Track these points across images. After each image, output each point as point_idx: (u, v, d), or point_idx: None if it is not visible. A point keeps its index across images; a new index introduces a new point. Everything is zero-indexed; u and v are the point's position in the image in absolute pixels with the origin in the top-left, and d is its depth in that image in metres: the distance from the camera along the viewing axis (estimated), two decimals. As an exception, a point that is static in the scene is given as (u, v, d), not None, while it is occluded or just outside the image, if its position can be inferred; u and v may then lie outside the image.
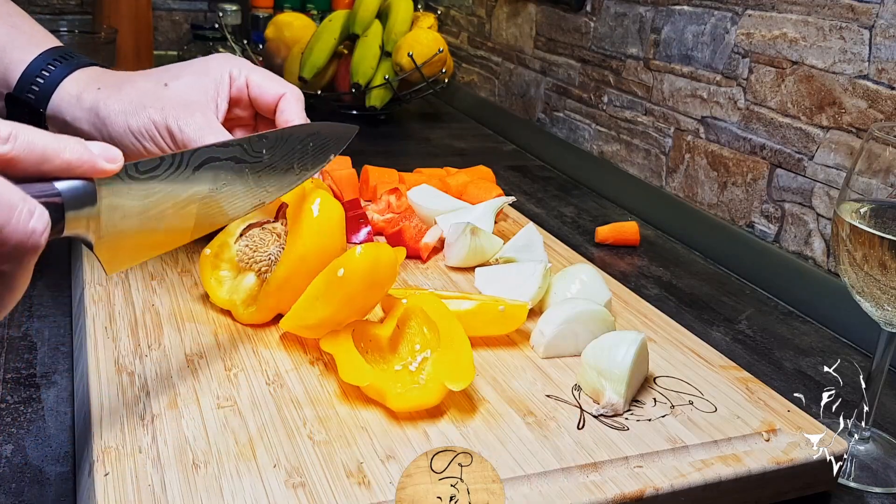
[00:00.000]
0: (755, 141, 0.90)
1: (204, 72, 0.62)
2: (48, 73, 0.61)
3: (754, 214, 0.91)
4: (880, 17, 0.75)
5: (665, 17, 1.03)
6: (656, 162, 1.06)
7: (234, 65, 0.64)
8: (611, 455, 0.48)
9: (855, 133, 0.78)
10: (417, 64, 1.30)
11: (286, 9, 1.61)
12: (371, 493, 0.43)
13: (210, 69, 0.63)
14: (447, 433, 0.49)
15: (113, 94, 0.60)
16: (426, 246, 0.74)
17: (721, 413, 0.54)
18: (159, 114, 0.59)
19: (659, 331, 0.65)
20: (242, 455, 0.45)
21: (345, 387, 0.52)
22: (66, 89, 0.60)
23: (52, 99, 0.60)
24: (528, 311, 0.60)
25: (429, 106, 1.58)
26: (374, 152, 1.22)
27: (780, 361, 0.72)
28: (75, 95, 0.60)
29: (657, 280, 0.86)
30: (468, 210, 0.78)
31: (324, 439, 0.47)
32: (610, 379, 0.52)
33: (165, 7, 1.68)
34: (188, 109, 0.59)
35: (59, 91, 0.60)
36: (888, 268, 0.51)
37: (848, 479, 0.56)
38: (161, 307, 0.60)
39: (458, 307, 0.59)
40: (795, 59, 0.84)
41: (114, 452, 0.44)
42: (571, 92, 1.24)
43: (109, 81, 0.61)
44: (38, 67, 0.61)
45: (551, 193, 1.12)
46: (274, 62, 1.43)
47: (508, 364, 0.58)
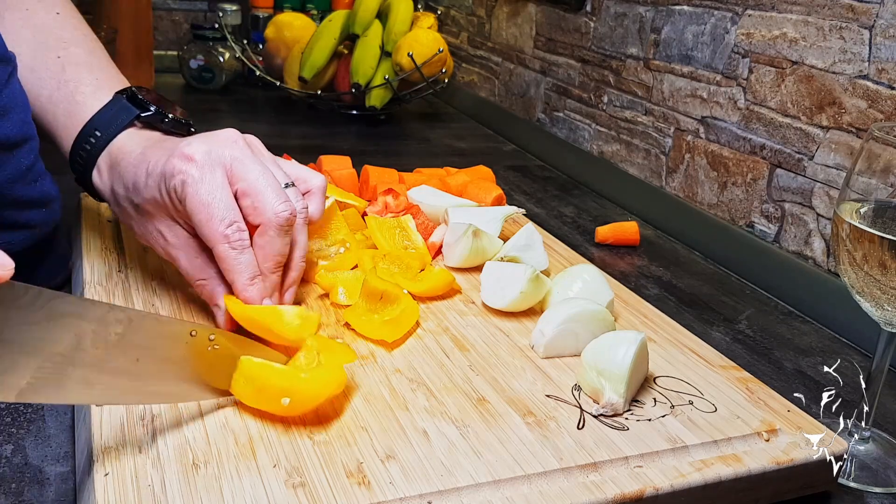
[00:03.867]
0: (755, 141, 0.90)
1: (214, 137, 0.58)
2: (89, 147, 0.61)
3: (754, 214, 0.91)
4: (880, 17, 0.75)
5: (665, 17, 1.03)
6: (656, 162, 1.06)
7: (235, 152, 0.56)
8: (611, 455, 0.48)
9: (855, 133, 0.78)
10: (417, 64, 1.30)
11: (286, 9, 1.61)
12: (371, 493, 0.43)
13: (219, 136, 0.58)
14: (447, 433, 0.49)
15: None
16: (433, 245, 0.74)
17: (721, 413, 0.54)
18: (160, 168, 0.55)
19: (659, 331, 0.65)
20: (242, 455, 0.45)
21: (345, 387, 0.52)
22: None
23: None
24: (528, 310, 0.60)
25: (429, 106, 1.58)
26: (374, 152, 1.22)
27: (780, 361, 0.72)
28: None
29: (657, 280, 0.86)
30: (477, 212, 0.77)
31: (324, 439, 0.47)
32: (610, 379, 0.52)
33: (165, 7, 1.68)
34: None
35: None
36: (888, 268, 0.51)
37: (848, 479, 0.56)
38: (161, 307, 0.60)
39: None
40: (795, 59, 0.84)
41: (114, 452, 0.44)
42: (571, 92, 1.24)
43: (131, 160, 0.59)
44: (82, 141, 0.61)
45: (551, 193, 1.12)
46: (274, 62, 1.43)
47: (508, 364, 0.58)
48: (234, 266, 0.54)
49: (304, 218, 0.58)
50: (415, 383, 0.54)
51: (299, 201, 0.57)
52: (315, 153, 0.95)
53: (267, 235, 0.55)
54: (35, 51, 0.64)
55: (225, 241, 0.53)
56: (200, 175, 0.53)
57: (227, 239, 0.53)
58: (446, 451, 0.47)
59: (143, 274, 0.65)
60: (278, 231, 0.55)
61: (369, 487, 0.43)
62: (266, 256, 0.55)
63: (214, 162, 0.54)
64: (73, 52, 0.65)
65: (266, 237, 0.55)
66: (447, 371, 0.56)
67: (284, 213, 0.55)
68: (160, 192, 0.55)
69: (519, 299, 0.63)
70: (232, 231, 0.53)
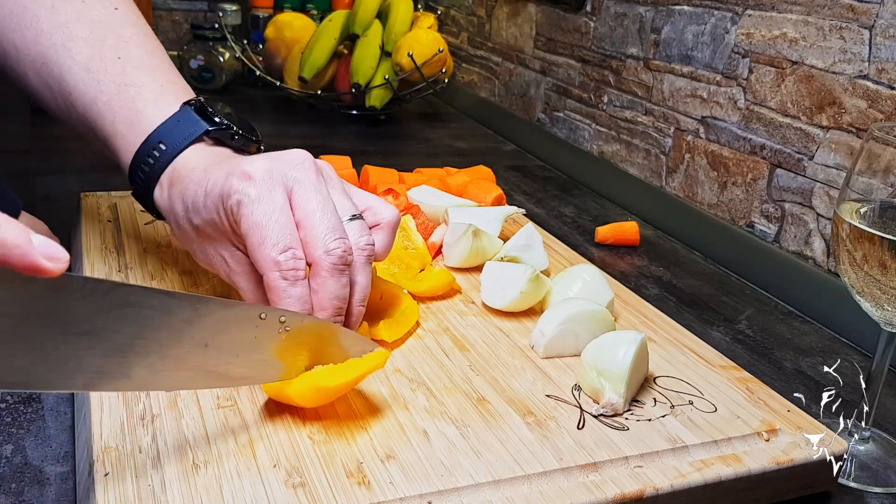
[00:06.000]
0: (755, 141, 0.90)
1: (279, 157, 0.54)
2: (152, 161, 0.56)
3: (754, 214, 0.91)
4: (880, 17, 0.75)
5: (665, 17, 1.03)
6: (656, 162, 1.06)
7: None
8: (611, 455, 0.48)
9: (855, 133, 0.78)
10: (417, 64, 1.30)
11: (286, 9, 1.61)
12: (371, 493, 0.43)
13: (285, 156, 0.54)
14: (447, 433, 0.49)
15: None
16: (433, 245, 0.74)
17: (721, 413, 0.54)
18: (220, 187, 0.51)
19: (659, 331, 0.65)
20: (242, 455, 0.45)
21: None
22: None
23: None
24: (528, 310, 0.60)
25: (429, 106, 1.58)
26: (374, 152, 1.22)
27: (780, 361, 0.72)
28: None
29: (657, 280, 0.86)
30: (477, 212, 0.77)
31: (324, 439, 0.47)
32: (610, 379, 0.52)
33: (165, 7, 1.68)
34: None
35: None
36: (888, 268, 0.51)
37: (848, 479, 0.56)
38: (161, 307, 0.60)
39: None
40: (795, 59, 0.84)
41: (114, 452, 0.44)
42: (571, 92, 1.24)
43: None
44: (145, 153, 0.56)
45: (551, 193, 1.12)
46: (274, 62, 1.43)
47: (508, 364, 0.58)
48: (283, 298, 0.49)
49: (367, 256, 0.52)
50: (415, 383, 0.54)
51: (363, 237, 0.52)
52: (315, 153, 0.94)
53: (319, 276, 0.50)
54: (92, 49, 0.59)
55: (276, 269, 0.49)
56: (258, 195, 0.49)
57: (279, 266, 0.49)
58: (446, 451, 0.47)
59: (143, 274, 0.65)
60: (330, 271, 0.49)
61: (369, 487, 0.43)
62: (321, 301, 0.50)
63: (275, 182, 0.50)
64: (133, 53, 0.60)
65: (318, 278, 0.50)
66: (447, 371, 0.56)
67: (336, 251, 0.49)
68: (218, 213, 0.51)
69: (519, 299, 0.63)
70: (285, 258, 0.49)
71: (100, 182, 0.93)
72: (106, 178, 0.95)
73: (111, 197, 0.79)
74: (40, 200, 0.87)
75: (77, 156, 1.04)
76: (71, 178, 0.94)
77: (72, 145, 1.08)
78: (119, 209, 0.76)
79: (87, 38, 0.59)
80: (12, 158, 1.01)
